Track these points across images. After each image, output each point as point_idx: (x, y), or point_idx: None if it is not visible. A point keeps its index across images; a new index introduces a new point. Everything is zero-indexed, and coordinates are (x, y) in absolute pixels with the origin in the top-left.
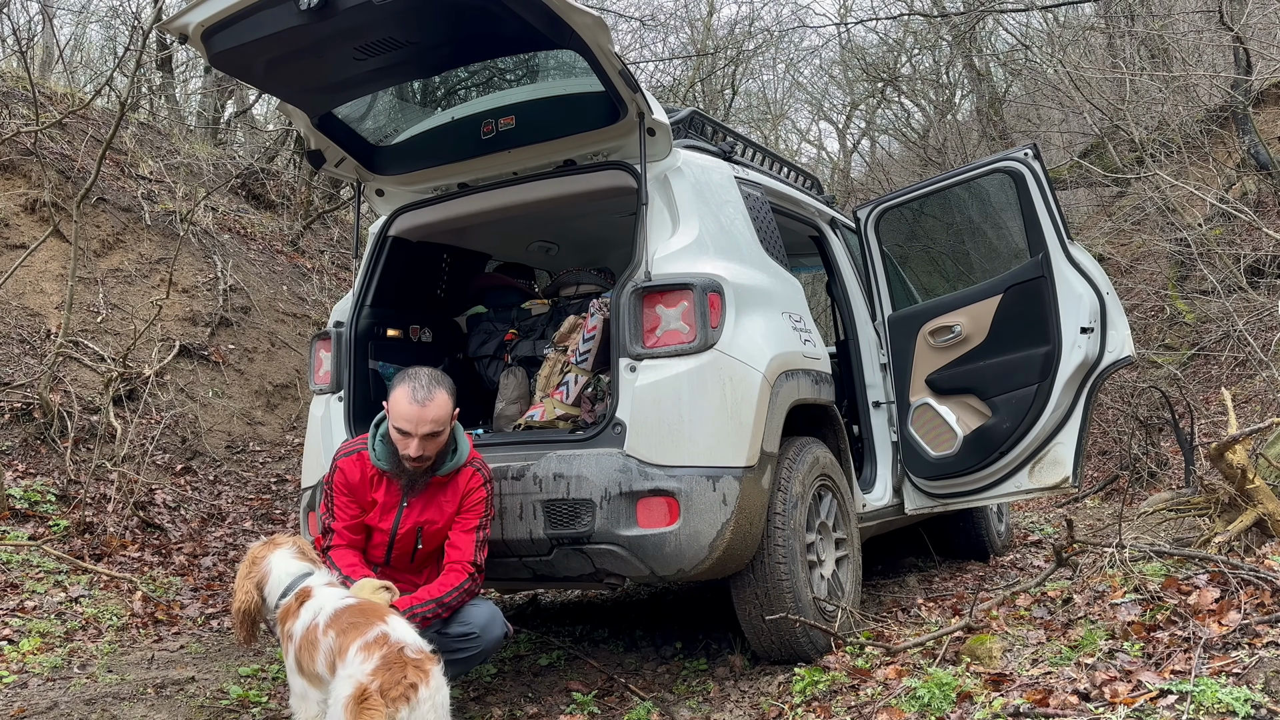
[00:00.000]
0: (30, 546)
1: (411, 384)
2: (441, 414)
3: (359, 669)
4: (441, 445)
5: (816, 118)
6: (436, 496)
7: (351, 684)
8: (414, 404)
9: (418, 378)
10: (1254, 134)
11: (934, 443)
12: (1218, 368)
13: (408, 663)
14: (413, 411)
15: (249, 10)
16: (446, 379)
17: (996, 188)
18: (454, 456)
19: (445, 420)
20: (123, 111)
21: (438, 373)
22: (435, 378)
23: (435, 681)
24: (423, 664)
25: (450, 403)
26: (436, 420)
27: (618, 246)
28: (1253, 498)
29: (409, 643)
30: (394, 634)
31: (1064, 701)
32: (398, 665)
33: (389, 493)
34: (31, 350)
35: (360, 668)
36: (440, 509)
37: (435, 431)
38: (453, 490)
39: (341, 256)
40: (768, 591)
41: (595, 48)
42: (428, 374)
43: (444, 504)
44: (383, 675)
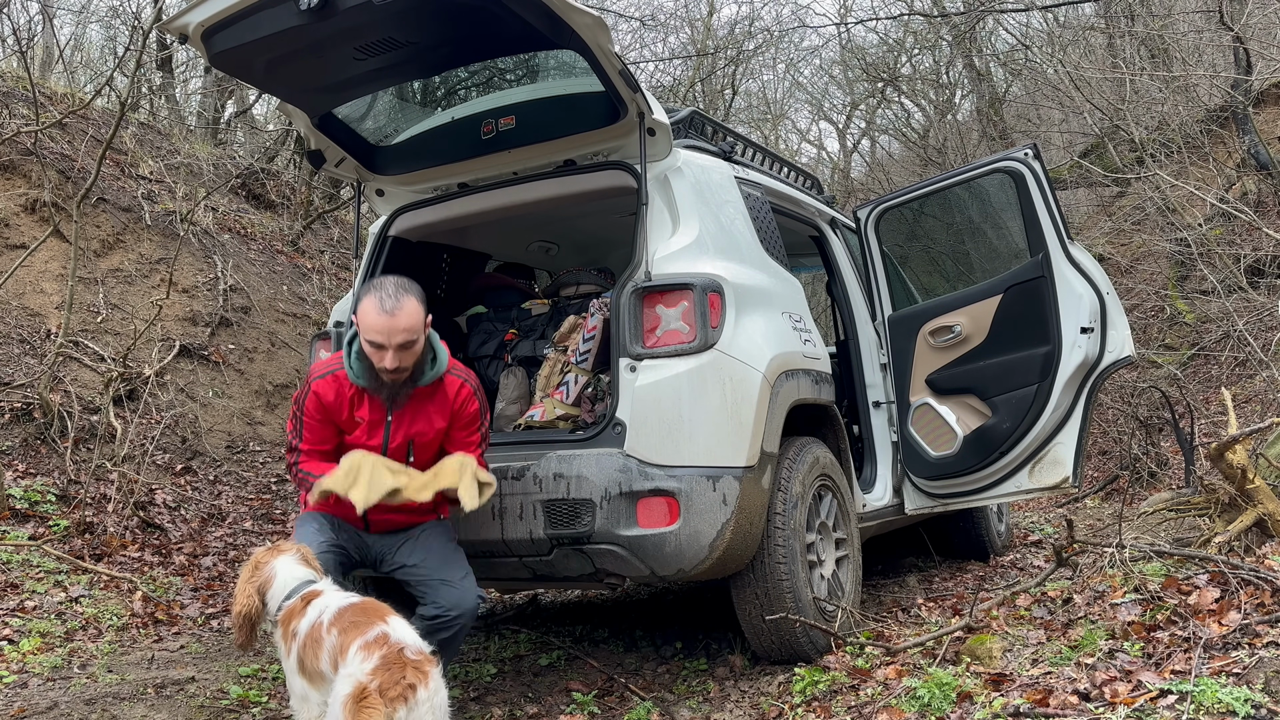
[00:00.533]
0: (30, 546)
1: (378, 294)
2: (413, 322)
3: (359, 668)
4: (418, 355)
5: (816, 118)
6: (424, 407)
7: (351, 683)
8: (383, 314)
9: (383, 287)
10: (1254, 134)
11: (934, 443)
12: (1218, 368)
13: (407, 663)
14: (382, 322)
15: (249, 10)
16: (415, 285)
17: (996, 188)
18: (434, 365)
19: (418, 328)
20: (123, 111)
21: (405, 279)
22: (402, 285)
23: (434, 683)
24: (422, 665)
25: (421, 310)
26: (409, 329)
27: (618, 246)
28: (1253, 498)
29: (409, 643)
30: (394, 634)
31: (1064, 701)
32: (397, 665)
33: (372, 409)
34: (31, 350)
35: (360, 667)
36: (429, 420)
37: (409, 341)
38: (440, 400)
39: (341, 256)
40: (768, 591)
41: (595, 48)
42: (394, 281)
43: (432, 415)
44: (382, 675)
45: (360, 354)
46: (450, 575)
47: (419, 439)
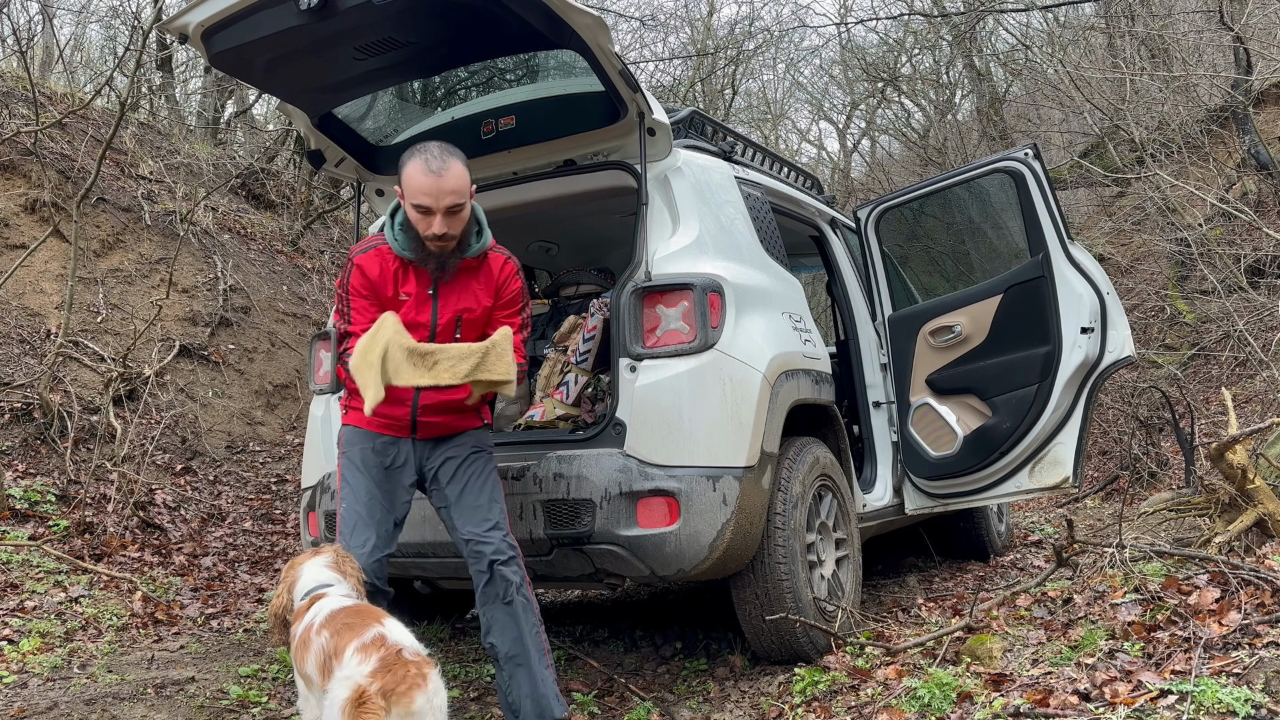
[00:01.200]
0: (30, 546)
1: (423, 156)
2: (460, 184)
3: (356, 670)
4: (465, 222)
5: (816, 118)
6: (470, 283)
7: (349, 686)
8: (430, 175)
9: (428, 149)
10: (1254, 134)
11: (934, 443)
12: (1218, 368)
13: (408, 664)
14: (430, 183)
15: (249, 10)
16: (459, 150)
17: (997, 188)
18: (480, 237)
19: (465, 190)
20: (123, 111)
21: (448, 144)
22: (447, 147)
23: (434, 684)
24: (422, 666)
25: (467, 173)
26: (456, 190)
27: (618, 246)
28: (1253, 498)
29: (406, 645)
30: (391, 635)
31: (1064, 701)
32: (397, 667)
33: (419, 283)
34: (31, 350)
35: (358, 669)
36: (475, 296)
37: (456, 204)
38: (485, 276)
39: (341, 256)
40: (768, 591)
41: (595, 48)
42: (438, 144)
43: (478, 291)
44: (382, 677)
45: (405, 224)
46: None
47: (466, 315)
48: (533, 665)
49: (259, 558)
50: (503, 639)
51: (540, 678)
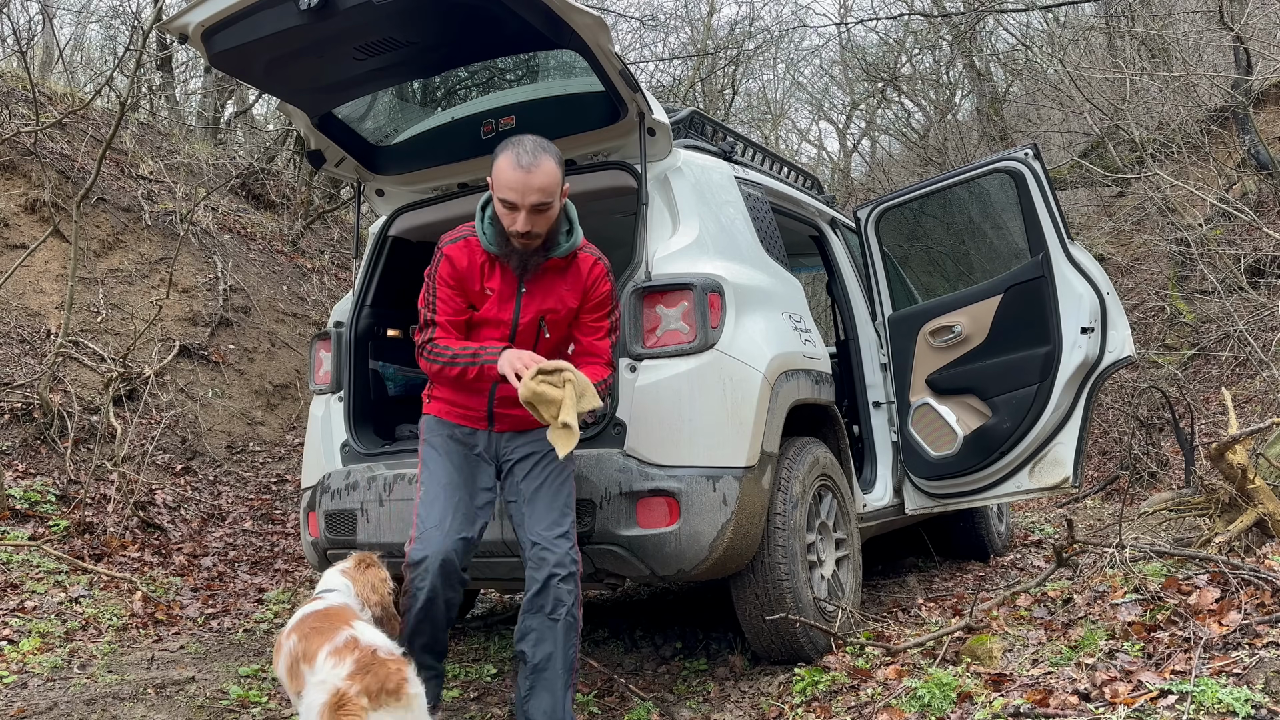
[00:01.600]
0: (30, 546)
1: (515, 149)
2: (549, 181)
3: (332, 674)
4: (552, 221)
5: (816, 118)
6: (556, 284)
7: (326, 690)
8: (518, 170)
9: (521, 143)
10: (1254, 134)
11: (934, 443)
12: (1218, 368)
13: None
14: (517, 178)
15: (249, 10)
16: (553, 146)
17: (997, 188)
18: (570, 237)
19: (554, 189)
20: (123, 111)
21: (543, 139)
22: (541, 143)
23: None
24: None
25: (559, 171)
26: (544, 189)
27: (618, 246)
28: (1253, 498)
29: (381, 645)
30: (364, 638)
31: (1064, 701)
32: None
33: (504, 279)
34: (31, 350)
35: (333, 673)
36: (561, 297)
37: (544, 203)
38: (574, 277)
39: (341, 256)
40: (768, 591)
41: (595, 48)
42: (532, 139)
43: (564, 292)
44: (362, 679)
45: (494, 217)
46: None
47: (550, 316)
48: (557, 686)
49: (259, 558)
50: (536, 651)
51: (561, 700)
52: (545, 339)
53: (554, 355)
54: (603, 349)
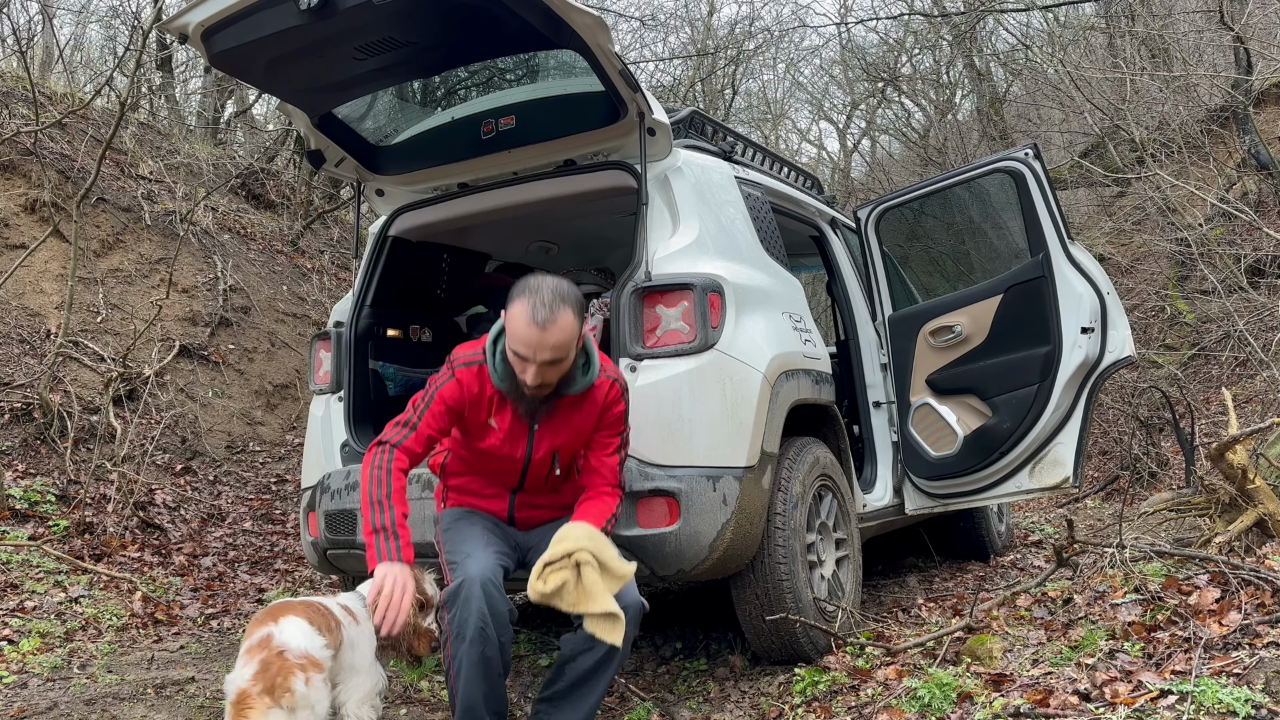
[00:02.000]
0: (30, 546)
1: (532, 300)
2: (564, 338)
3: (240, 673)
4: (566, 370)
5: (816, 118)
6: (571, 416)
7: (234, 689)
8: (532, 325)
9: (539, 292)
10: (1254, 134)
11: (934, 443)
12: (1218, 368)
13: (288, 666)
14: (530, 335)
15: (249, 10)
16: (574, 292)
17: (997, 188)
18: (586, 373)
19: (568, 345)
20: (123, 111)
21: (564, 284)
22: (560, 292)
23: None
24: (305, 667)
25: (576, 324)
26: (558, 346)
27: (618, 246)
28: (1253, 498)
29: (291, 646)
30: (278, 637)
31: (1064, 702)
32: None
33: (515, 417)
34: (31, 350)
35: (241, 672)
36: (576, 430)
37: (557, 359)
38: (589, 405)
39: (341, 256)
40: (768, 591)
41: (595, 48)
42: (552, 288)
43: (579, 423)
44: (262, 679)
45: (505, 356)
46: None
47: (564, 450)
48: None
49: (259, 558)
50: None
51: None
52: (555, 475)
53: (567, 476)
54: (610, 466)
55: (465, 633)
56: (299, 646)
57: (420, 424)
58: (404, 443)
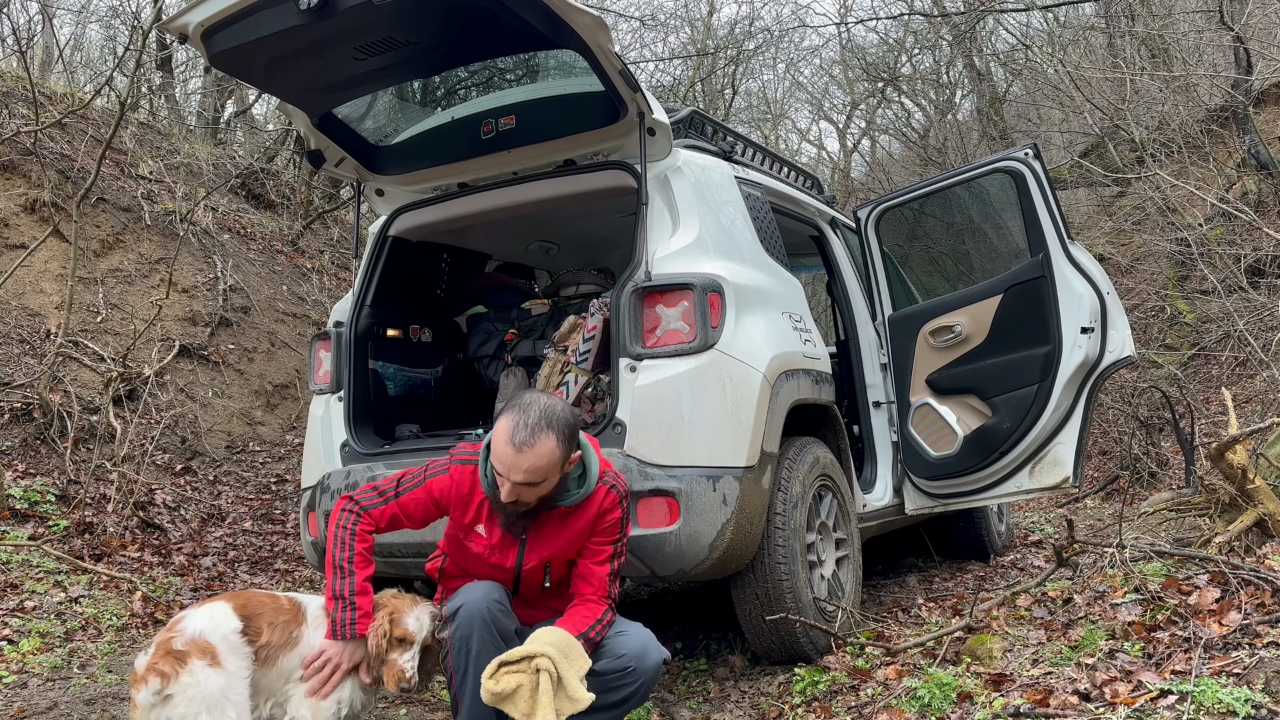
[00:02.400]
0: (30, 546)
1: (515, 419)
2: (540, 464)
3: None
4: (545, 493)
5: (816, 118)
6: (563, 528)
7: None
8: (509, 445)
9: (526, 411)
10: (1254, 134)
11: (934, 443)
12: (1218, 368)
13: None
14: (507, 454)
15: (249, 10)
16: (564, 416)
17: (997, 187)
18: (580, 487)
19: (547, 470)
20: (123, 111)
21: (555, 407)
22: (548, 416)
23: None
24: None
25: (558, 451)
26: (533, 470)
27: (618, 246)
28: (1253, 498)
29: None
30: (181, 623)
31: (1064, 701)
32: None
33: (503, 528)
34: (31, 350)
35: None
36: (568, 541)
37: (532, 482)
38: (584, 514)
39: (341, 256)
40: (768, 591)
41: (595, 48)
42: (540, 410)
43: (572, 534)
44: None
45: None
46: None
47: (557, 559)
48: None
49: (259, 558)
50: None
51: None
52: (547, 588)
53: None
54: (599, 576)
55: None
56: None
57: (396, 500)
58: (374, 509)
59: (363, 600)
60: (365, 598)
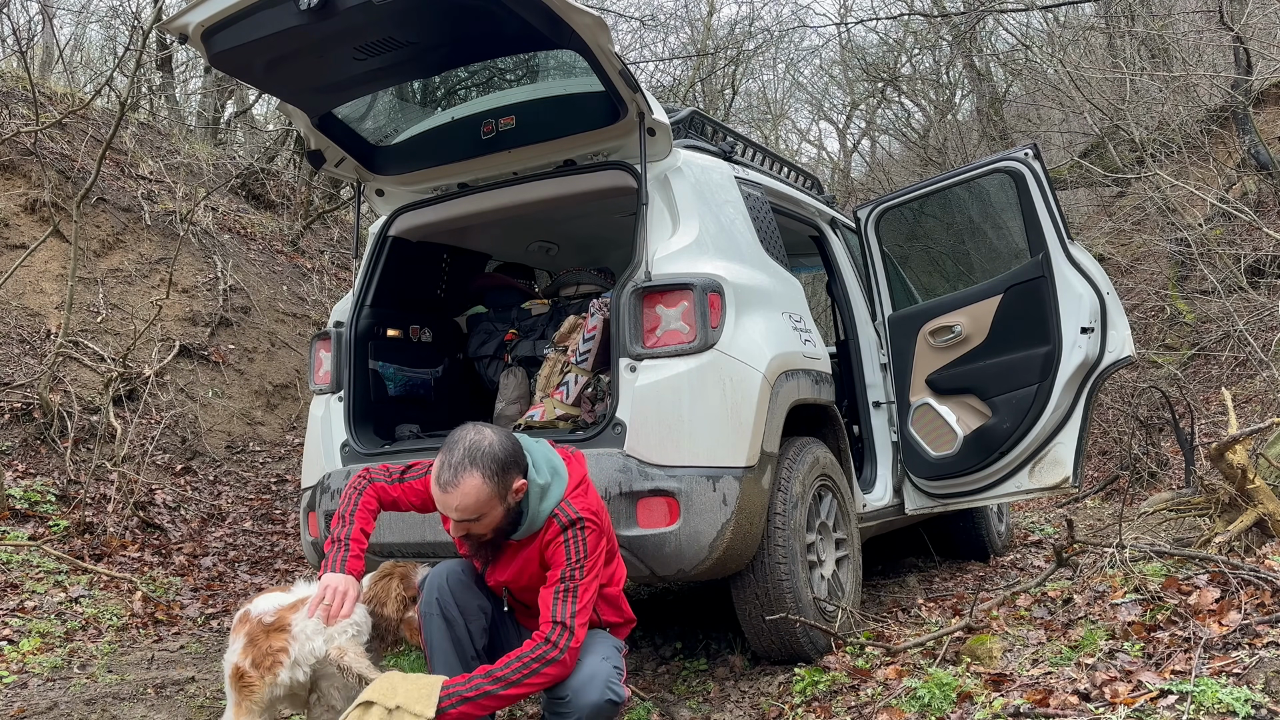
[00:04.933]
0: (30, 546)
1: (442, 459)
2: (467, 502)
3: (231, 652)
4: (495, 523)
5: (816, 118)
6: (515, 556)
7: (229, 667)
8: (436, 485)
9: (452, 450)
10: (1254, 134)
11: (934, 443)
12: (1218, 368)
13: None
14: (436, 495)
15: (249, 10)
16: (493, 451)
17: (997, 188)
18: (526, 520)
19: (477, 508)
20: (123, 111)
21: (483, 442)
22: (473, 452)
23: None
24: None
25: (485, 486)
26: (462, 509)
27: (618, 246)
28: (1253, 498)
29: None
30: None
31: (1064, 701)
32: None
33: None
34: (31, 350)
35: (233, 650)
36: (520, 570)
37: (467, 519)
38: (533, 546)
39: (341, 256)
40: (768, 591)
41: (595, 48)
42: (466, 447)
43: (523, 563)
44: (251, 651)
45: None
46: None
47: (513, 585)
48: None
49: (259, 558)
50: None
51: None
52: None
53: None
54: (545, 600)
55: (431, 612)
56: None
57: (408, 482)
58: (385, 484)
59: (355, 545)
60: (360, 544)
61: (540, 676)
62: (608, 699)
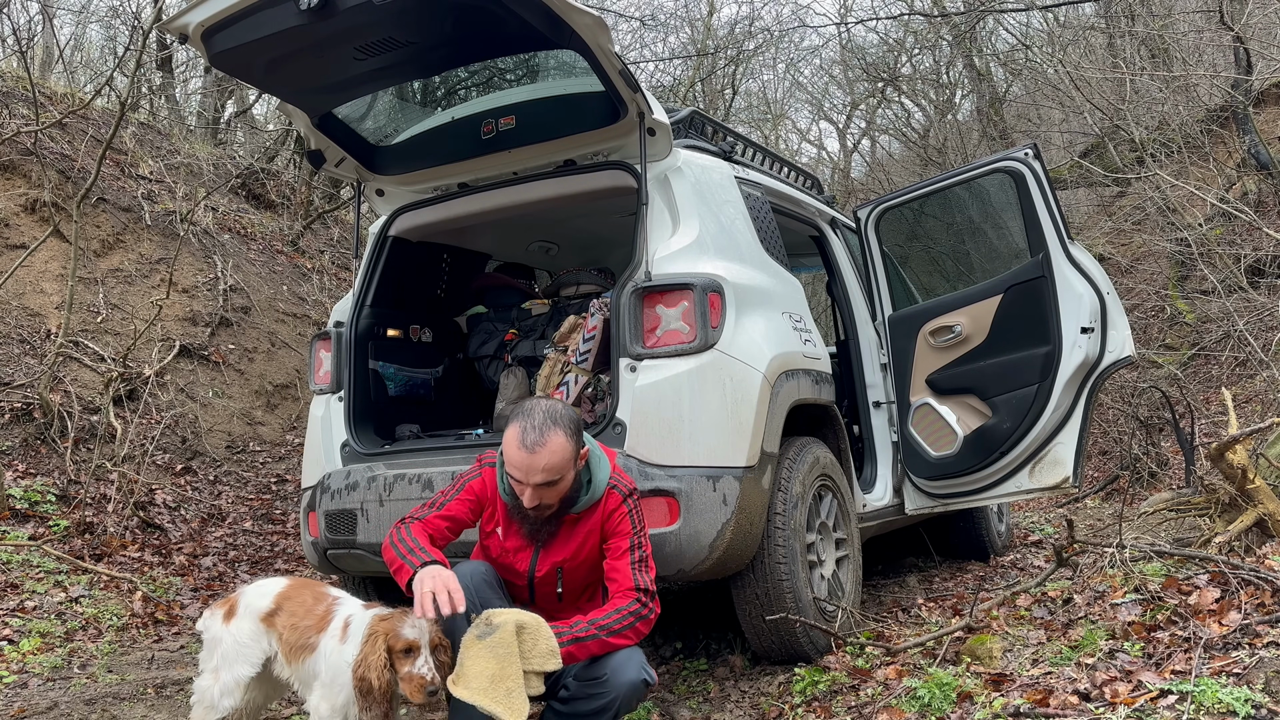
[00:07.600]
0: (30, 546)
1: (523, 423)
2: (556, 460)
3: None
4: (565, 490)
5: (816, 118)
6: (573, 534)
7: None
8: (522, 449)
9: (531, 415)
10: (1254, 134)
11: (934, 443)
12: (1218, 368)
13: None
14: (521, 459)
15: (249, 10)
16: (567, 414)
17: (997, 188)
18: (589, 490)
19: (562, 467)
20: (123, 111)
21: (557, 407)
22: (552, 414)
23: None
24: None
25: (569, 445)
26: (550, 469)
27: (618, 246)
28: (1253, 498)
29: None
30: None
31: (1064, 701)
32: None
33: (520, 532)
34: (31, 350)
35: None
36: (579, 544)
37: (550, 481)
38: (593, 519)
39: (341, 256)
40: (768, 591)
41: (595, 48)
42: (544, 411)
43: (583, 539)
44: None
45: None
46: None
47: (568, 565)
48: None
49: (259, 558)
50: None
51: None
52: (560, 592)
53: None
54: (623, 568)
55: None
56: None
57: (445, 506)
58: (426, 518)
59: (435, 552)
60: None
61: (633, 632)
62: (643, 679)
